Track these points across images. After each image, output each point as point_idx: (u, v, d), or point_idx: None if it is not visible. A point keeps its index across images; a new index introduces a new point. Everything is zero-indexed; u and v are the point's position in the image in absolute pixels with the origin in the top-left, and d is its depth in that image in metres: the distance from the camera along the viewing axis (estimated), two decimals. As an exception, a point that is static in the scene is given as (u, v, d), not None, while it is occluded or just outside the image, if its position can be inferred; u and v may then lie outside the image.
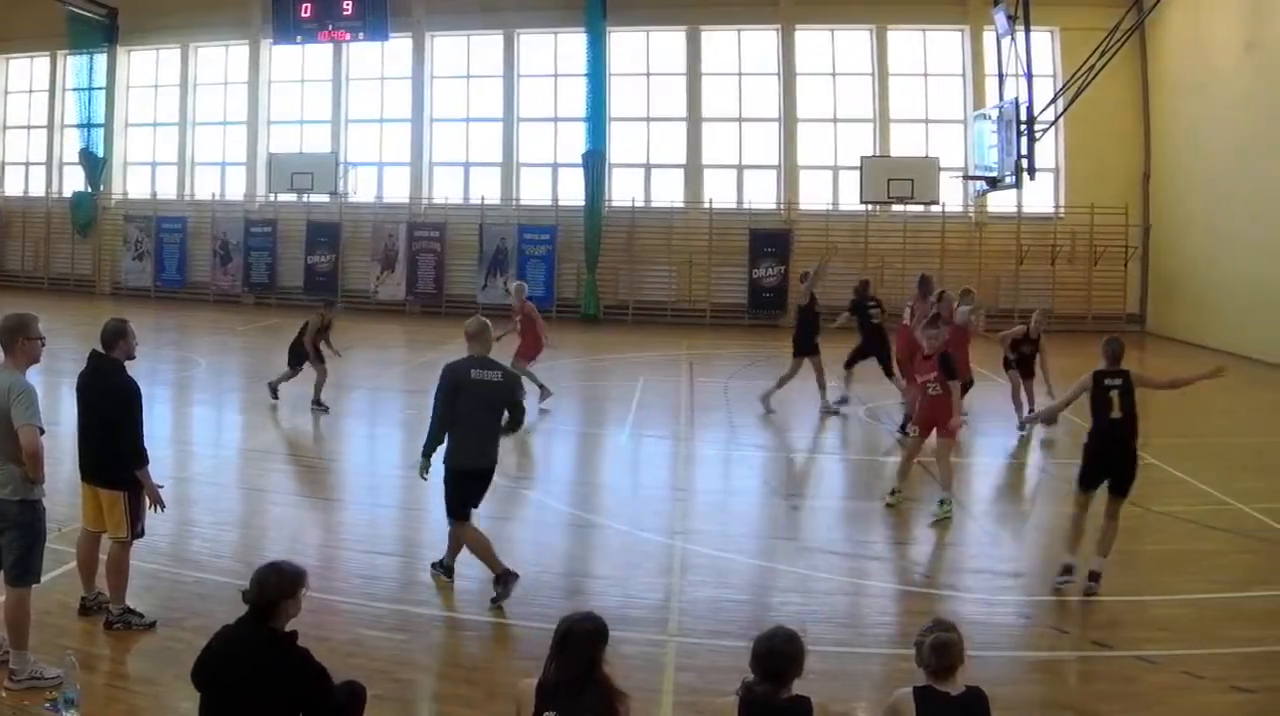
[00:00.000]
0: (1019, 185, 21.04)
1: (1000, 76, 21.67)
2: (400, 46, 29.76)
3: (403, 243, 29.28)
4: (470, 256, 28.87)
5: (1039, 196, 26.44)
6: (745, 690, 4.14)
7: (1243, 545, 9.23)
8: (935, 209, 26.90)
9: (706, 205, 28.14)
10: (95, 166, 31.76)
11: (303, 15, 29.14)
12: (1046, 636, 7.19)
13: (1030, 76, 19.99)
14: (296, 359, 14.53)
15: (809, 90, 28.27)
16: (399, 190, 30.31)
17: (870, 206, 27.07)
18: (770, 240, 27.56)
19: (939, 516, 9.79)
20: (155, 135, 32.42)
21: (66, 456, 7.68)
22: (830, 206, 27.96)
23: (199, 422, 14.75)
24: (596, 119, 28.09)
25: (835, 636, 7.07)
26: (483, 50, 29.86)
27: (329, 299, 16.47)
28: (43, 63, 33.11)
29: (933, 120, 27.96)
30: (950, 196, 26.92)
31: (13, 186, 33.76)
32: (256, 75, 30.92)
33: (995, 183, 21.68)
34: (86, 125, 31.73)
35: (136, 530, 6.75)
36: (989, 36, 23.86)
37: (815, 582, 8.20)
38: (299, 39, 29.59)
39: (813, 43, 28.35)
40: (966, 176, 24.90)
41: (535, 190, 29.66)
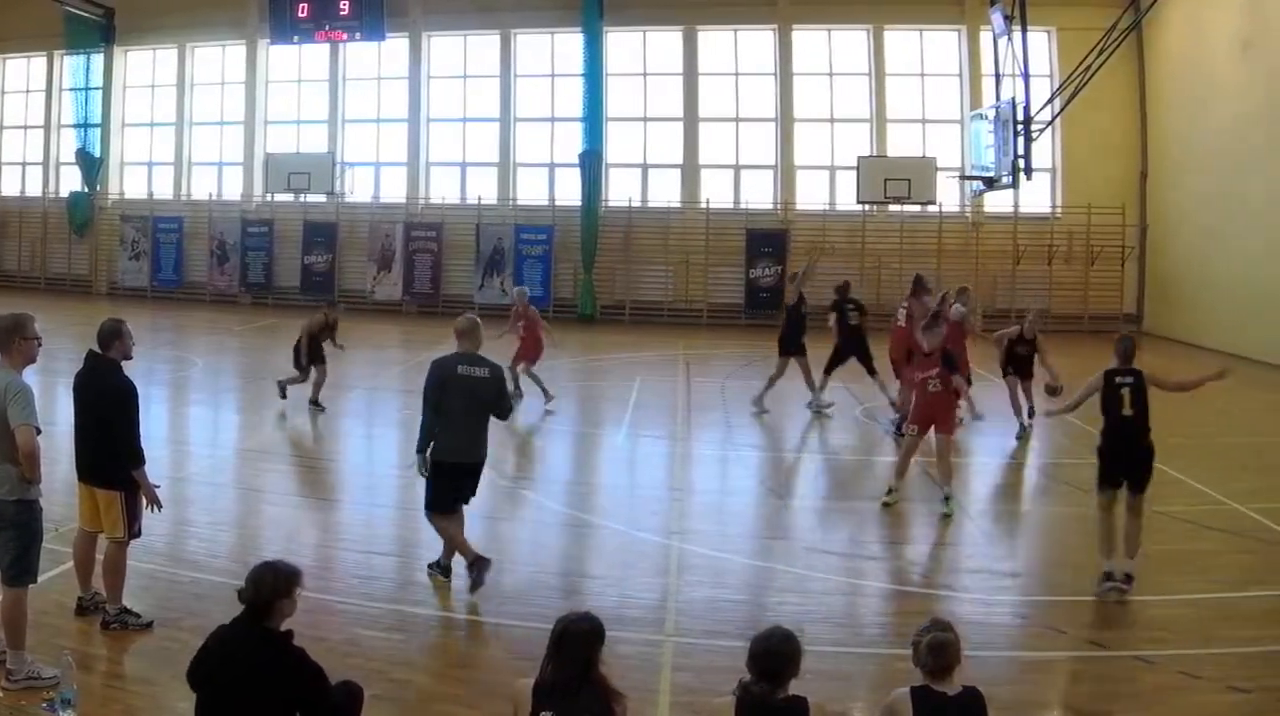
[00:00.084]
0: (1016, 185, 21.00)
1: (997, 76, 21.63)
2: (397, 46, 29.75)
3: (399, 243, 29.28)
4: (467, 256, 28.85)
5: (1036, 196, 26.49)
6: (742, 690, 4.14)
7: (1240, 545, 9.24)
8: (932, 209, 26.91)
9: (703, 205, 28.15)
10: (92, 166, 31.72)
11: (299, 15, 29.13)
12: (1044, 636, 7.19)
13: (1027, 76, 19.96)
14: (302, 359, 14.49)
15: (806, 90, 28.28)
16: (396, 190, 30.31)
17: (867, 206, 27.09)
18: (767, 240, 27.56)
19: (946, 512, 9.86)
20: (152, 135, 32.38)
21: (63, 456, 7.68)
22: (827, 206, 27.99)
23: (195, 422, 14.75)
24: (593, 119, 28.08)
25: (832, 636, 7.07)
26: (479, 50, 29.85)
27: (331, 299, 16.44)
28: (39, 62, 33.11)
29: (929, 120, 27.99)
30: (947, 196, 26.92)
31: (9, 186, 33.71)
32: (253, 75, 30.91)
33: (992, 183, 21.64)
34: (83, 125, 31.71)
35: (133, 530, 6.74)
36: (986, 36, 23.86)
37: (812, 582, 8.20)
38: (296, 39, 29.57)
39: (809, 43, 28.36)
40: (963, 176, 24.87)
41: (532, 190, 29.65)
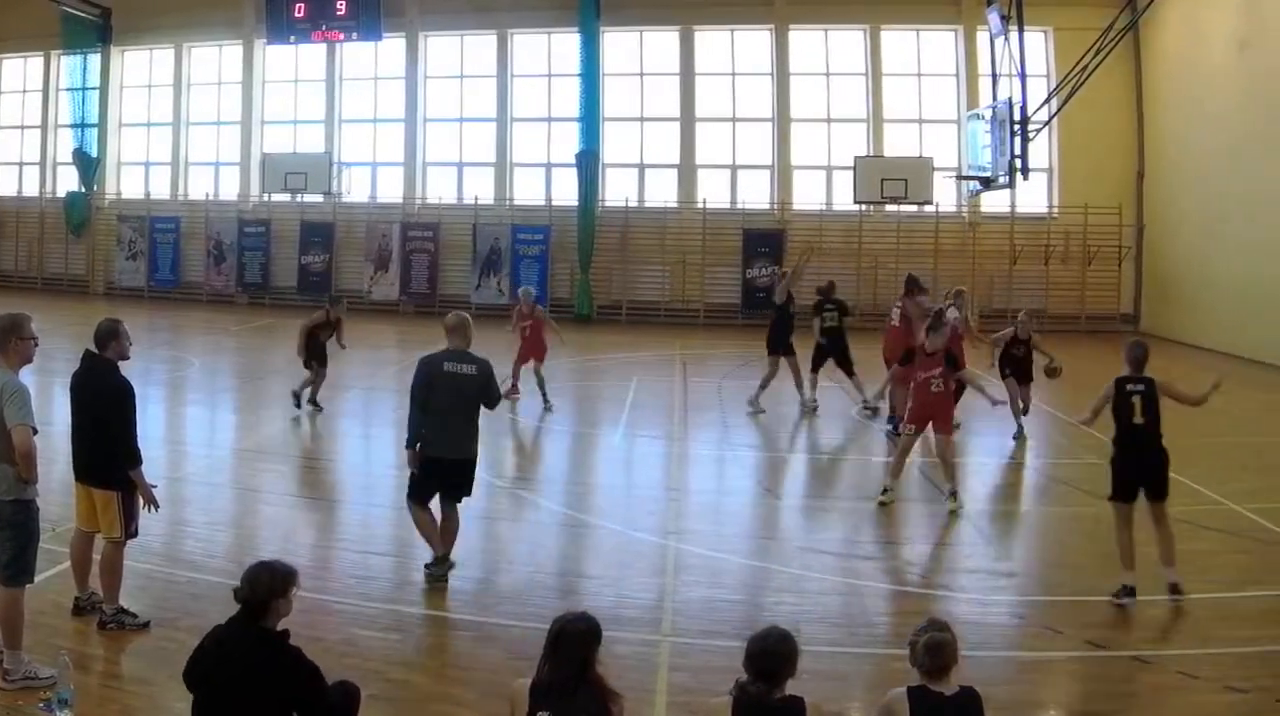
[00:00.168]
0: (1012, 185, 21.04)
1: (994, 76, 21.68)
2: (394, 46, 29.71)
3: (396, 243, 29.27)
4: (464, 256, 28.84)
5: (1033, 196, 26.50)
6: (739, 690, 4.14)
7: (1237, 545, 9.26)
8: (929, 209, 26.91)
9: (700, 205, 28.15)
10: (89, 166, 31.69)
11: (296, 15, 29.08)
12: (1041, 636, 7.18)
13: (1024, 76, 19.97)
14: (310, 359, 14.32)
15: (802, 90, 28.29)
16: (393, 190, 30.28)
17: (864, 206, 27.09)
18: (764, 240, 27.55)
19: (953, 508, 9.89)
20: (149, 135, 32.33)
21: (60, 456, 7.67)
22: (824, 206, 28.00)
23: (192, 422, 14.76)
24: (590, 119, 28.07)
25: (829, 636, 7.07)
26: (476, 50, 29.85)
27: (334, 297, 16.33)
28: (36, 62, 33.06)
29: (926, 120, 28.01)
30: (944, 196, 26.93)
31: (6, 186, 33.63)
32: (250, 75, 30.87)
33: (989, 183, 21.66)
34: (80, 125, 31.66)
35: (130, 530, 6.74)
36: (982, 36, 23.87)
37: (808, 582, 8.20)
38: (292, 39, 29.54)
39: (806, 43, 28.37)
40: (960, 176, 24.90)
41: (529, 190, 29.64)
